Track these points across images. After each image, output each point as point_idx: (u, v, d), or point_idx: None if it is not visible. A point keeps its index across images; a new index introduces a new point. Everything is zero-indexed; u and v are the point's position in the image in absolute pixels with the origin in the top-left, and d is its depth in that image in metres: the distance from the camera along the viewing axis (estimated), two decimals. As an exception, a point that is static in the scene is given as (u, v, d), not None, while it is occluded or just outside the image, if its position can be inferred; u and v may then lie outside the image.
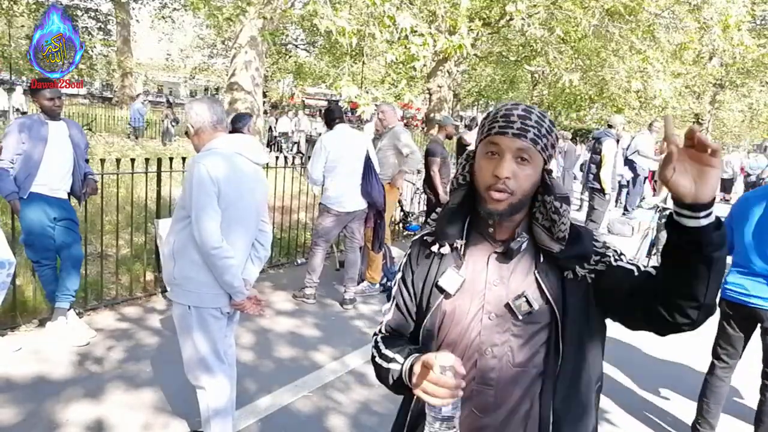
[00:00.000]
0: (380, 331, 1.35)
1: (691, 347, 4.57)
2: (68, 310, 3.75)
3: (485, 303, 1.19)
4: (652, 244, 6.33)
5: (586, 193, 7.43)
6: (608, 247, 1.21)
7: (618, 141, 6.66)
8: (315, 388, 3.41)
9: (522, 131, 1.13)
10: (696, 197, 0.92)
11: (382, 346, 1.29)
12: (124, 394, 3.16)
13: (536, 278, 1.17)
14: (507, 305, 1.17)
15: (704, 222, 0.94)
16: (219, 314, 2.50)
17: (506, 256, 1.20)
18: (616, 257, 1.20)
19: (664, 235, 6.17)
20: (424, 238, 1.29)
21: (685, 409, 3.53)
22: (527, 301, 1.15)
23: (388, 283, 5.21)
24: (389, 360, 1.23)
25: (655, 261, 6.34)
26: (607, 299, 1.17)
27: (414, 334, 1.30)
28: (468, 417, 1.17)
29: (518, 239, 1.18)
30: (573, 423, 1.18)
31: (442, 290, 1.22)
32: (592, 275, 1.17)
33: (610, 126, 7.05)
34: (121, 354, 3.64)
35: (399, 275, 1.33)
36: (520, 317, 1.16)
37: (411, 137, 5.47)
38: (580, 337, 1.17)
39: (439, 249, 1.24)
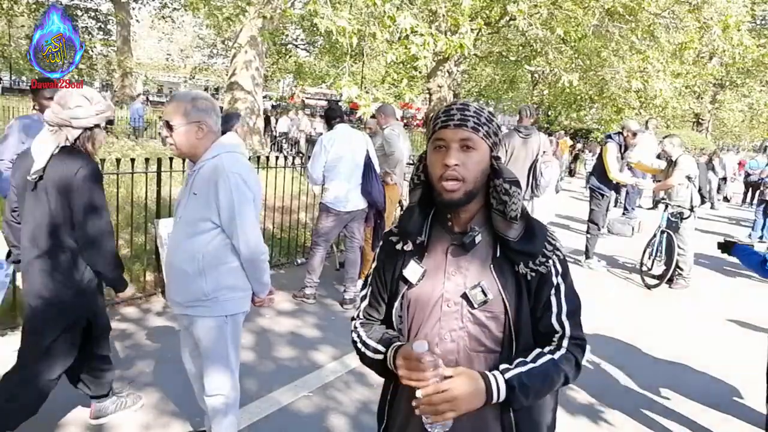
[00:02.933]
0: (358, 316, 1.49)
1: (692, 347, 4.58)
2: (68, 310, 3.75)
3: (444, 291, 1.29)
4: (657, 249, 6.30)
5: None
6: (556, 252, 1.30)
7: (621, 145, 6.63)
8: (315, 388, 3.41)
9: (462, 121, 1.23)
10: None
11: (363, 334, 1.42)
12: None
13: (491, 270, 1.27)
14: (464, 294, 1.27)
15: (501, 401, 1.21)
16: (243, 316, 2.50)
17: (463, 247, 1.28)
18: (557, 272, 1.30)
19: (665, 237, 6.17)
20: (389, 237, 1.39)
21: (685, 409, 3.53)
22: (482, 291, 1.25)
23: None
24: (374, 351, 1.36)
25: (657, 266, 6.34)
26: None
27: (386, 318, 1.42)
28: None
29: (470, 233, 1.27)
30: None
31: (406, 280, 1.32)
32: (533, 274, 1.26)
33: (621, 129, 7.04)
34: (121, 354, 3.64)
35: (374, 264, 1.44)
36: (476, 306, 1.26)
37: (400, 138, 5.47)
38: (535, 326, 1.30)
39: (402, 247, 1.34)
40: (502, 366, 1.24)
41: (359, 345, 1.42)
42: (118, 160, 4.71)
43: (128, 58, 23.64)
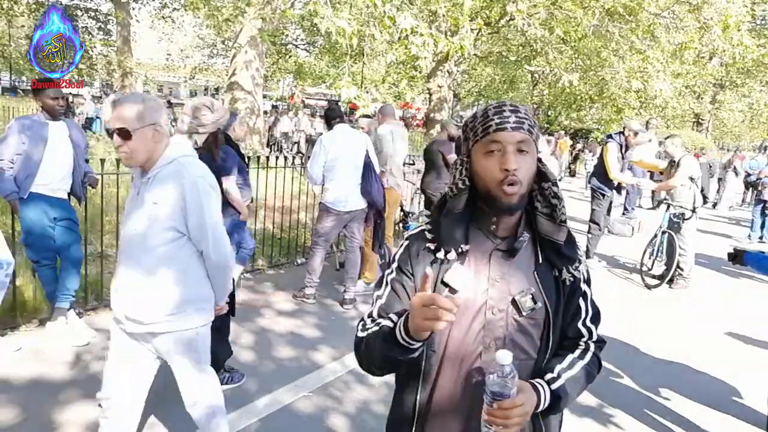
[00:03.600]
0: (370, 315, 1.32)
1: (692, 347, 4.58)
2: (68, 310, 3.75)
3: (488, 298, 1.24)
4: (658, 250, 6.30)
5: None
6: (581, 257, 1.34)
7: (622, 145, 6.62)
8: (315, 388, 3.41)
9: (518, 124, 1.19)
10: None
11: (368, 323, 1.29)
12: (124, 394, 3.16)
13: (535, 277, 1.25)
14: (513, 301, 1.23)
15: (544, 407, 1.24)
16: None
17: (508, 253, 1.25)
18: (584, 278, 1.35)
19: (666, 238, 6.17)
20: (427, 244, 1.28)
21: (685, 409, 3.53)
22: (532, 298, 1.23)
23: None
24: (380, 325, 1.22)
25: (657, 266, 6.34)
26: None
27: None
28: (472, 406, 1.23)
29: (521, 238, 1.24)
30: None
31: (446, 286, 1.23)
32: (571, 279, 1.29)
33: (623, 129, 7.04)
34: (121, 354, 3.64)
35: (395, 265, 1.32)
36: (524, 313, 1.23)
37: (393, 137, 5.47)
38: (559, 330, 1.31)
39: (445, 255, 1.24)
40: (547, 376, 1.26)
41: (360, 333, 1.30)
42: (118, 160, 4.70)
43: (128, 58, 23.62)
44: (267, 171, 5.63)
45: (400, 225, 7.42)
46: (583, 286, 1.34)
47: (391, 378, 1.45)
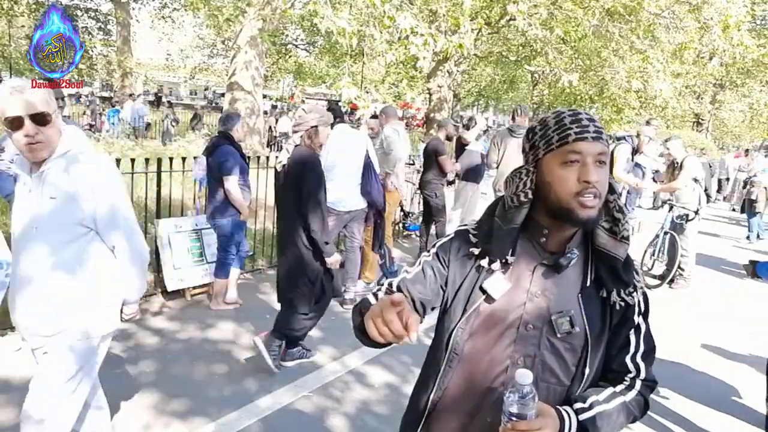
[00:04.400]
0: (387, 284, 1.29)
1: (692, 347, 4.58)
2: (68, 310, 3.74)
3: (524, 313, 1.18)
4: (659, 250, 6.29)
5: None
6: (642, 285, 1.22)
7: (634, 148, 6.63)
8: (315, 388, 3.41)
9: (598, 134, 1.13)
10: None
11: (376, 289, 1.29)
12: (124, 394, 3.16)
13: (579, 300, 1.17)
14: (549, 320, 1.16)
15: None
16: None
17: (554, 269, 1.18)
18: (640, 311, 1.23)
19: (668, 238, 6.16)
20: (471, 249, 1.24)
21: (685, 409, 3.53)
22: (570, 321, 1.15)
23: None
24: (373, 294, 1.25)
25: (658, 266, 6.34)
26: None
27: (420, 305, 1.26)
28: (493, 422, 1.17)
29: (569, 254, 1.16)
30: None
31: (484, 292, 1.19)
32: (622, 304, 1.19)
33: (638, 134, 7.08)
34: (121, 354, 3.64)
35: (434, 250, 1.29)
36: (559, 335, 1.16)
37: (401, 139, 5.47)
38: (599, 361, 1.21)
39: (489, 265, 1.20)
40: (577, 405, 1.16)
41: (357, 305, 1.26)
42: (118, 160, 4.70)
43: (128, 58, 23.64)
44: (267, 171, 5.63)
45: (400, 225, 7.42)
46: (637, 319, 1.22)
47: (391, 378, 1.45)
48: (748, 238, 9.71)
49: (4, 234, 3.46)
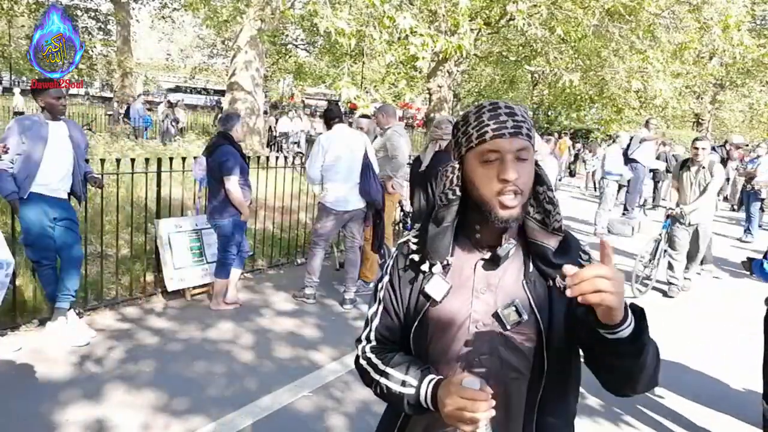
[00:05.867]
0: (367, 338, 1.29)
1: (691, 347, 4.58)
2: (68, 310, 3.76)
3: (472, 311, 1.15)
4: (664, 251, 6.23)
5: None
6: (592, 261, 1.16)
7: (724, 158, 6.52)
8: (315, 388, 3.41)
9: (517, 129, 1.10)
10: (605, 321, 0.95)
11: (377, 362, 1.24)
12: (124, 394, 3.16)
13: (524, 287, 1.14)
14: (495, 314, 1.13)
15: (621, 335, 0.97)
16: None
17: (493, 262, 1.15)
18: None
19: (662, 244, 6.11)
20: (410, 256, 1.22)
21: (684, 409, 3.54)
22: (517, 311, 1.12)
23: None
24: (400, 382, 1.18)
25: (657, 271, 6.31)
26: (575, 325, 1.11)
27: (402, 340, 1.26)
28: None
29: (506, 245, 1.14)
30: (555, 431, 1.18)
31: (428, 297, 1.18)
32: (564, 286, 1.14)
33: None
34: (121, 354, 3.64)
35: (386, 278, 1.28)
36: (509, 327, 1.12)
37: (405, 141, 5.46)
38: (566, 348, 1.14)
39: (430, 268, 1.18)
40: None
41: (374, 375, 1.23)
42: (118, 160, 4.71)
43: (128, 58, 23.62)
44: (267, 171, 5.63)
45: (400, 225, 7.43)
46: None
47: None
48: (745, 232, 9.70)
49: (4, 234, 3.46)
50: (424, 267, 1.19)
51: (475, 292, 1.16)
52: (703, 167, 5.60)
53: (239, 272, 4.72)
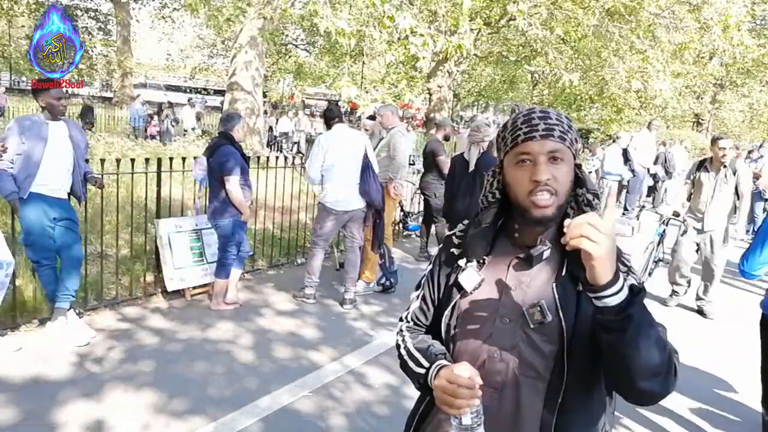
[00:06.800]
0: (406, 317, 1.41)
1: (691, 347, 4.58)
2: (68, 310, 3.75)
3: (500, 306, 1.20)
4: (657, 260, 6.22)
5: None
6: (632, 274, 1.17)
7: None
8: (315, 388, 3.41)
9: (548, 131, 1.14)
10: (591, 279, 0.99)
11: (408, 341, 1.34)
12: (124, 394, 3.16)
13: (553, 289, 1.16)
14: (522, 312, 1.17)
15: (607, 302, 1.00)
16: None
17: (527, 262, 1.19)
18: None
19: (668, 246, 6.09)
20: (451, 250, 1.31)
21: (684, 409, 3.54)
22: (541, 311, 1.14)
23: (387, 283, 5.21)
24: (417, 363, 1.27)
25: (653, 276, 6.32)
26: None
27: (434, 325, 1.34)
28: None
29: (540, 246, 1.16)
30: None
31: (460, 287, 1.24)
32: None
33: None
34: (121, 354, 3.64)
35: (429, 267, 1.38)
36: (532, 326, 1.15)
37: (406, 142, 5.46)
38: (590, 355, 1.13)
39: (466, 264, 1.25)
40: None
41: (402, 351, 1.33)
42: (118, 160, 4.70)
43: (128, 58, 23.64)
44: (267, 171, 5.63)
45: (400, 225, 7.43)
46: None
47: (391, 378, 1.47)
48: (747, 233, 9.71)
49: (4, 234, 3.46)
50: (462, 262, 1.26)
51: (505, 288, 1.21)
52: (725, 166, 5.24)
53: (239, 272, 4.72)
